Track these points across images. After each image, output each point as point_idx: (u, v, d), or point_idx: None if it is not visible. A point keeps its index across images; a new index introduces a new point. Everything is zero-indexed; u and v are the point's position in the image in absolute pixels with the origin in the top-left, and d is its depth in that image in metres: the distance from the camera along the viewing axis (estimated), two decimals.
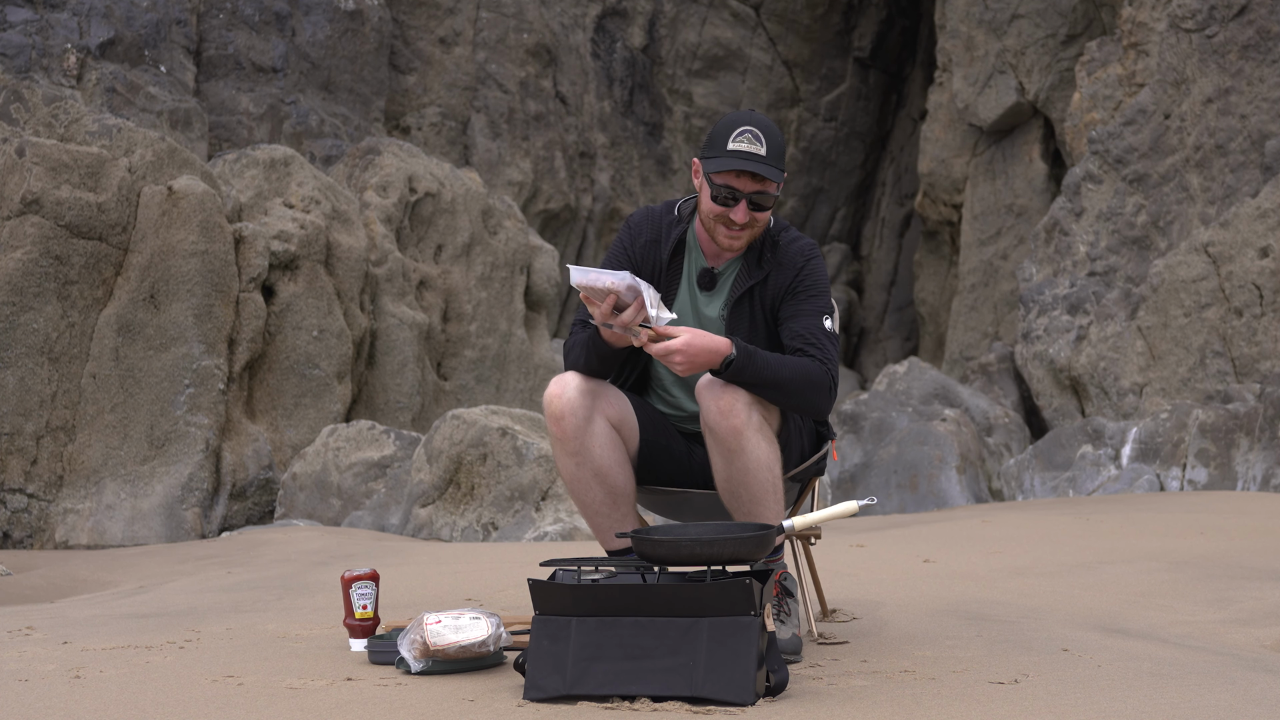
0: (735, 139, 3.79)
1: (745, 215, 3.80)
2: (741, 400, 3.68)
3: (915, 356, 13.22)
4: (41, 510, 8.77)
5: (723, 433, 3.69)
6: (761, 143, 3.78)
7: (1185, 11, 11.82)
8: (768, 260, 3.90)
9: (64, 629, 4.48)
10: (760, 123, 3.81)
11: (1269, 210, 10.78)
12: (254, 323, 9.52)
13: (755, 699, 3.22)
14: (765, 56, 17.78)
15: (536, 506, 7.96)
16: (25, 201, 8.81)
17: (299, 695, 3.39)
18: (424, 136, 14.69)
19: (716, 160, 3.80)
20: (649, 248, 3.97)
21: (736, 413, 3.67)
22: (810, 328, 3.83)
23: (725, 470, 3.75)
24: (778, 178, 3.79)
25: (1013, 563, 6.01)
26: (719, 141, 3.81)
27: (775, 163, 3.80)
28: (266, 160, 10.53)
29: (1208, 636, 4.31)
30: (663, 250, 3.95)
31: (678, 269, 3.97)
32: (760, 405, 3.73)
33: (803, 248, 3.93)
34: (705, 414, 3.72)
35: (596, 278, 3.59)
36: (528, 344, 11.94)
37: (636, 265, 3.96)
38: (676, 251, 3.96)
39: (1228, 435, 9.64)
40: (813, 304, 3.87)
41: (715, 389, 3.70)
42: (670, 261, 3.95)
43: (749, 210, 3.80)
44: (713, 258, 3.96)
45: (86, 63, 11.55)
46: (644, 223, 4.00)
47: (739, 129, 3.79)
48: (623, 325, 3.62)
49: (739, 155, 3.77)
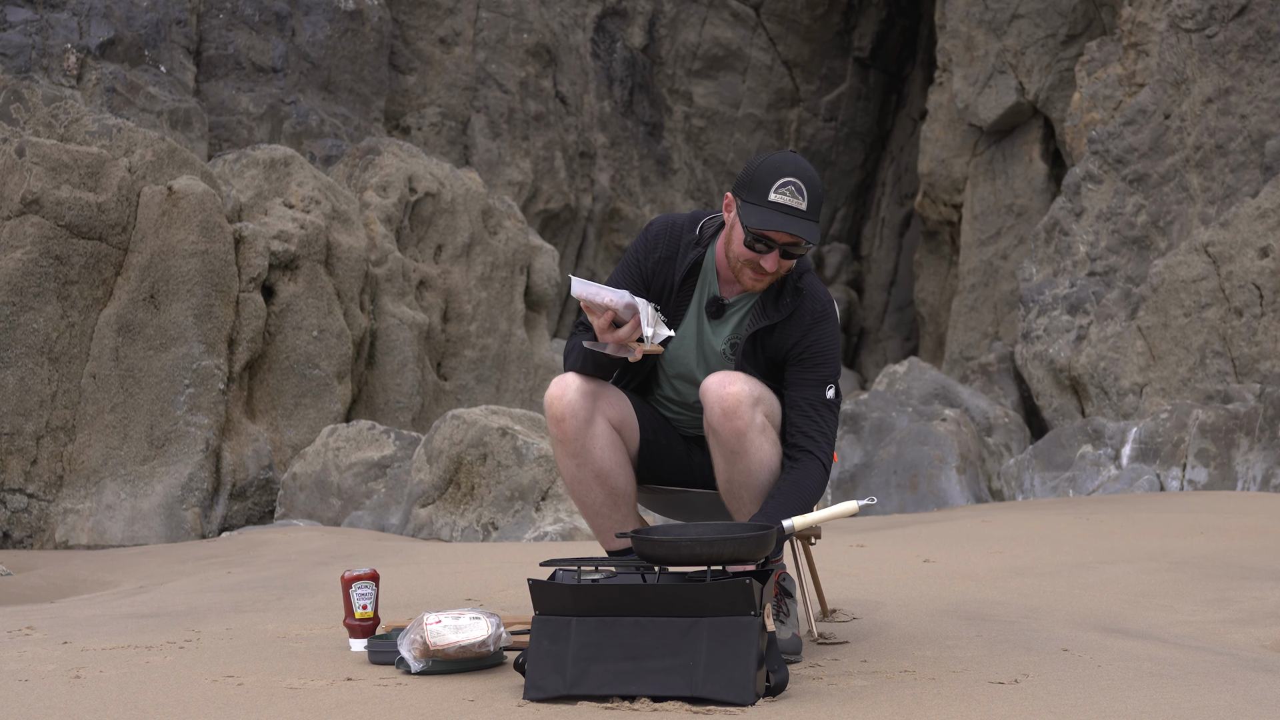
0: (778, 190, 3.65)
1: (776, 264, 3.71)
2: (746, 402, 3.67)
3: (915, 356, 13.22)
4: (41, 510, 8.77)
5: (726, 434, 3.69)
6: (803, 196, 3.65)
7: (1185, 11, 11.82)
8: (785, 305, 3.81)
9: (64, 629, 4.47)
10: (804, 174, 3.67)
11: (1269, 210, 10.78)
12: (254, 323, 9.52)
13: (755, 699, 3.22)
14: (765, 56, 17.78)
15: (536, 506, 7.96)
16: (25, 201, 8.81)
17: (299, 695, 3.39)
18: (424, 136, 14.69)
19: (756, 210, 3.66)
20: (662, 264, 3.89)
21: (740, 414, 3.66)
22: (812, 401, 3.79)
23: (727, 471, 3.76)
24: (814, 235, 3.67)
25: (1013, 563, 6.01)
26: (760, 187, 3.67)
27: (814, 217, 3.67)
28: (266, 160, 10.53)
29: (1208, 636, 4.30)
30: (676, 271, 3.87)
31: (689, 292, 3.89)
32: (764, 405, 3.72)
33: (817, 304, 3.84)
34: (709, 415, 3.72)
35: (596, 293, 3.59)
36: (528, 344, 11.94)
37: (647, 280, 3.89)
38: (690, 274, 3.88)
39: (1228, 435, 9.64)
40: (817, 374, 3.81)
41: (719, 390, 3.69)
42: (682, 284, 3.88)
43: (779, 259, 3.71)
44: (726, 287, 3.88)
45: (86, 63, 11.55)
46: (662, 236, 3.90)
47: (782, 179, 3.65)
48: (619, 341, 3.62)
49: (781, 209, 3.64)
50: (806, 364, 3.81)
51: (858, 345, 18.49)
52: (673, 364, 3.94)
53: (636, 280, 3.89)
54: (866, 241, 18.92)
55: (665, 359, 3.93)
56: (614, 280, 3.90)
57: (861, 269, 18.80)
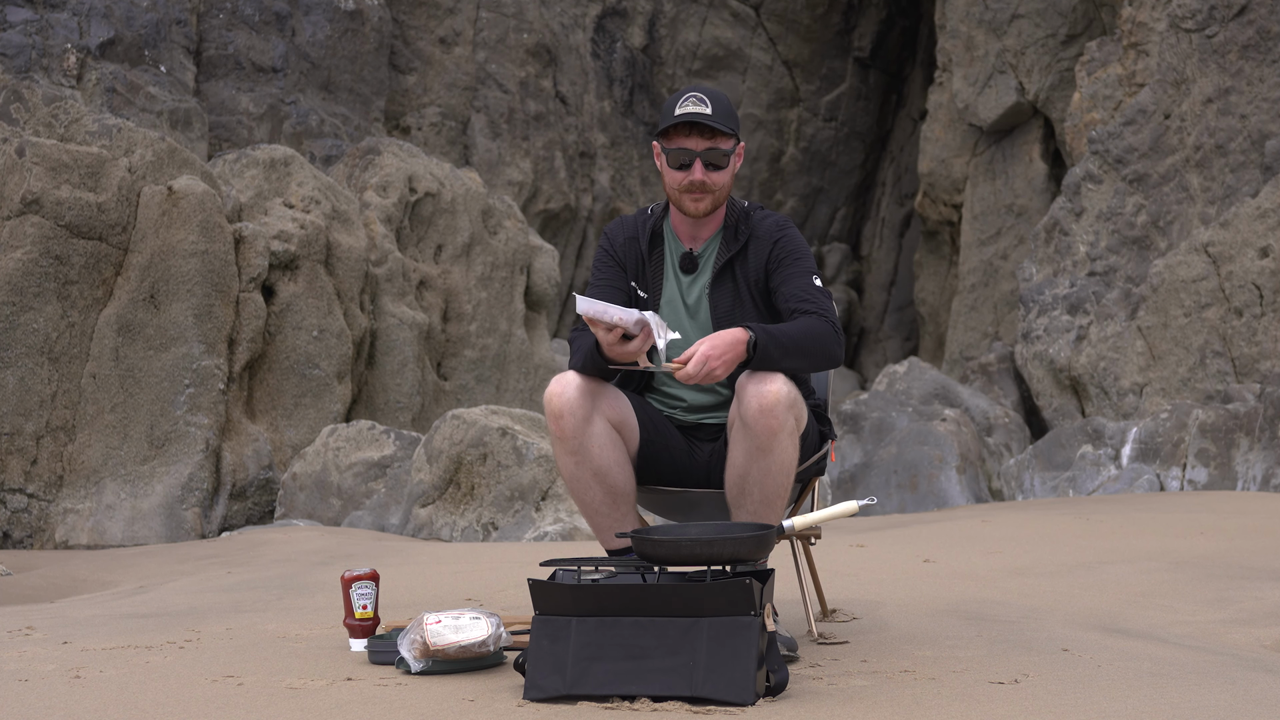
0: (681, 104, 3.90)
1: (702, 173, 3.89)
2: (784, 403, 3.67)
3: (915, 356, 13.22)
4: (41, 510, 8.77)
5: (759, 430, 3.68)
6: (706, 104, 3.89)
7: (1185, 11, 11.82)
8: (743, 231, 3.99)
9: (64, 629, 4.47)
10: (704, 88, 3.94)
11: (1269, 210, 10.78)
12: (254, 323, 9.52)
13: (755, 699, 3.22)
14: (765, 56, 17.78)
15: (536, 506, 7.96)
16: (25, 201, 8.82)
17: (299, 695, 3.39)
18: (424, 136, 14.69)
19: (668, 130, 3.92)
20: (629, 245, 4.05)
21: (777, 414, 3.67)
22: (802, 288, 3.91)
23: (745, 466, 3.74)
24: (727, 130, 3.88)
25: (1013, 563, 6.01)
26: (667, 113, 3.93)
27: (722, 121, 3.89)
28: (266, 160, 10.53)
29: (1208, 636, 4.31)
30: (641, 243, 4.04)
31: (659, 261, 4.04)
32: (797, 410, 3.73)
33: (777, 220, 4.03)
34: (744, 409, 3.70)
35: (603, 311, 3.61)
36: (528, 344, 11.94)
37: (621, 263, 4.04)
38: (654, 243, 4.05)
39: (1228, 435, 9.64)
40: (798, 266, 3.96)
41: (757, 385, 3.70)
42: (651, 253, 4.04)
43: (705, 170, 3.90)
44: (689, 240, 4.04)
45: (86, 63, 11.55)
46: (619, 227, 4.11)
47: (684, 96, 3.92)
48: (629, 356, 3.67)
49: (685, 117, 3.88)
50: (785, 262, 3.97)
51: (858, 345, 18.48)
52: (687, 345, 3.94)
53: (615, 268, 4.03)
54: (866, 241, 18.93)
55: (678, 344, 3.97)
56: (595, 284, 4.03)
57: (861, 269, 18.79)
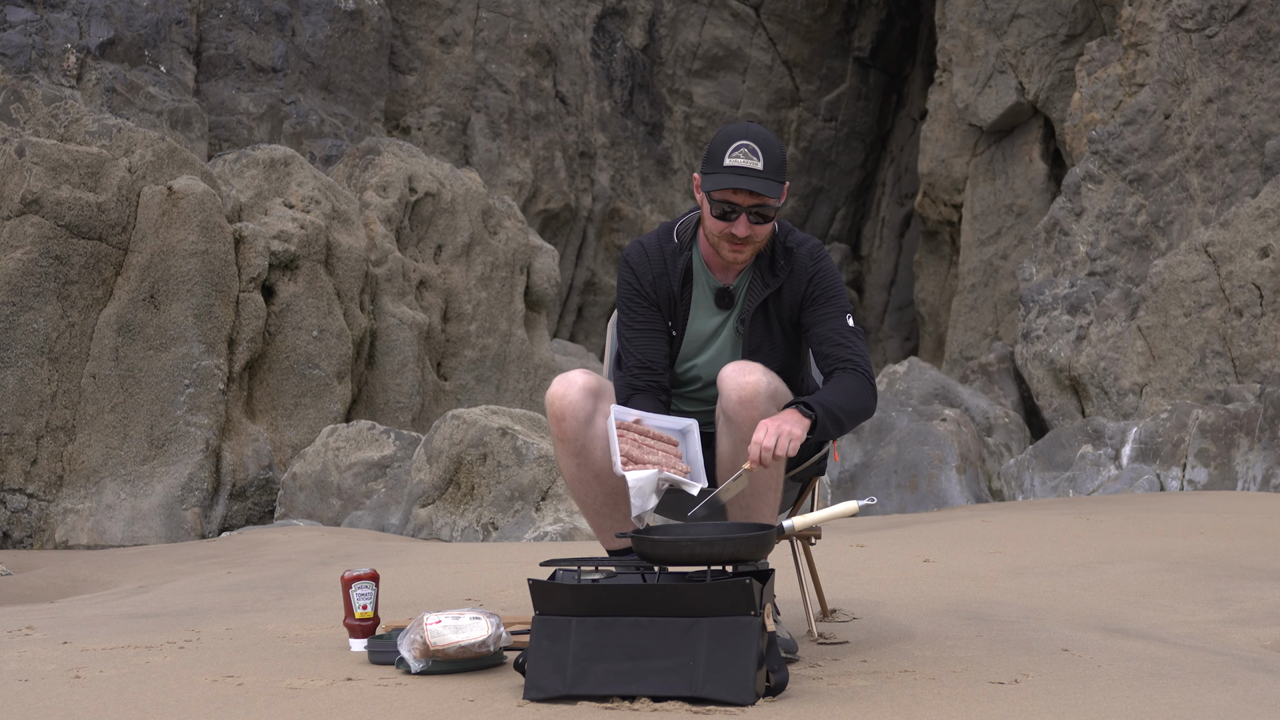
0: (732, 154, 3.75)
1: (746, 229, 3.77)
2: (764, 393, 3.69)
3: (915, 356, 13.22)
4: (41, 510, 8.77)
5: (742, 421, 3.70)
6: (758, 156, 3.75)
7: (1185, 11, 11.82)
8: (780, 268, 3.89)
9: (64, 629, 4.47)
10: (757, 135, 3.78)
11: (1269, 210, 10.78)
12: (254, 323, 9.52)
13: (755, 699, 3.22)
14: (765, 56, 17.78)
15: (536, 506, 7.96)
16: (25, 201, 8.82)
17: (299, 695, 3.39)
18: (424, 136, 14.69)
19: (714, 177, 3.76)
20: (659, 282, 3.94)
21: (757, 404, 3.68)
22: (837, 330, 3.86)
23: (733, 458, 3.75)
24: (775, 192, 3.76)
25: (1013, 563, 6.01)
26: (716, 157, 3.78)
27: (773, 176, 3.77)
28: (266, 160, 10.53)
29: (1208, 636, 4.30)
30: (672, 282, 3.93)
31: (689, 296, 3.96)
32: (777, 398, 3.74)
33: (811, 250, 3.93)
34: (725, 401, 3.72)
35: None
36: (528, 344, 11.94)
37: (653, 301, 3.94)
38: (686, 281, 3.94)
39: (1228, 435, 9.64)
40: (833, 305, 3.90)
41: (736, 377, 3.70)
42: (682, 291, 3.94)
43: (750, 224, 3.78)
44: (722, 274, 3.94)
45: (86, 63, 11.55)
46: (642, 258, 3.97)
47: (735, 144, 3.76)
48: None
49: (736, 171, 3.73)
50: (820, 301, 3.90)
51: None
52: (709, 369, 3.95)
53: (649, 309, 3.93)
54: (866, 241, 18.93)
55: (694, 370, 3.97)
56: (633, 327, 3.93)
57: (861, 269, 18.79)
